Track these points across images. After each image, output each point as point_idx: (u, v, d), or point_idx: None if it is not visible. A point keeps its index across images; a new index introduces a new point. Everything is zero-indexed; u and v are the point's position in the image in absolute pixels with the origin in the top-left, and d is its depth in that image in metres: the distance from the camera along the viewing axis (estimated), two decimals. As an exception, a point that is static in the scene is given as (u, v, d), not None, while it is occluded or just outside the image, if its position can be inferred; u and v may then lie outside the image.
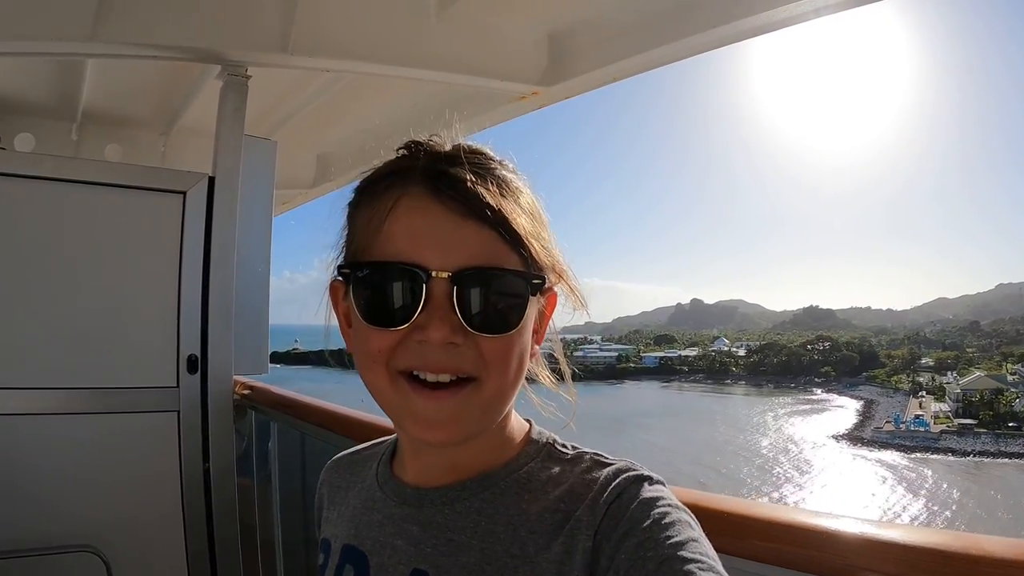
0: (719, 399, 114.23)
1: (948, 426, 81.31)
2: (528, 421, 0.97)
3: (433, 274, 0.78)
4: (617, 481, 0.82)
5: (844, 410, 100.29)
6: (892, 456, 73.53)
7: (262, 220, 3.56)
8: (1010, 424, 78.88)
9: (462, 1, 3.26)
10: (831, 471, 66.89)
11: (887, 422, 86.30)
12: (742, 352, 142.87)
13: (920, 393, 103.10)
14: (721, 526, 1.20)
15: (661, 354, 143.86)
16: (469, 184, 0.81)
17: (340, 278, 0.89)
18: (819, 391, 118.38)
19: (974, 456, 72.55)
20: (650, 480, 0.84)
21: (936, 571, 1.00)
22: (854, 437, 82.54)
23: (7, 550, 2.79)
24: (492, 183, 0.83)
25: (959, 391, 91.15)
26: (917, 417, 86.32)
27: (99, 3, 2.84)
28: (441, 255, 0.79)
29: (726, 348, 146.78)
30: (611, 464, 0.87)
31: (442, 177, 0.82)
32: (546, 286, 0.88)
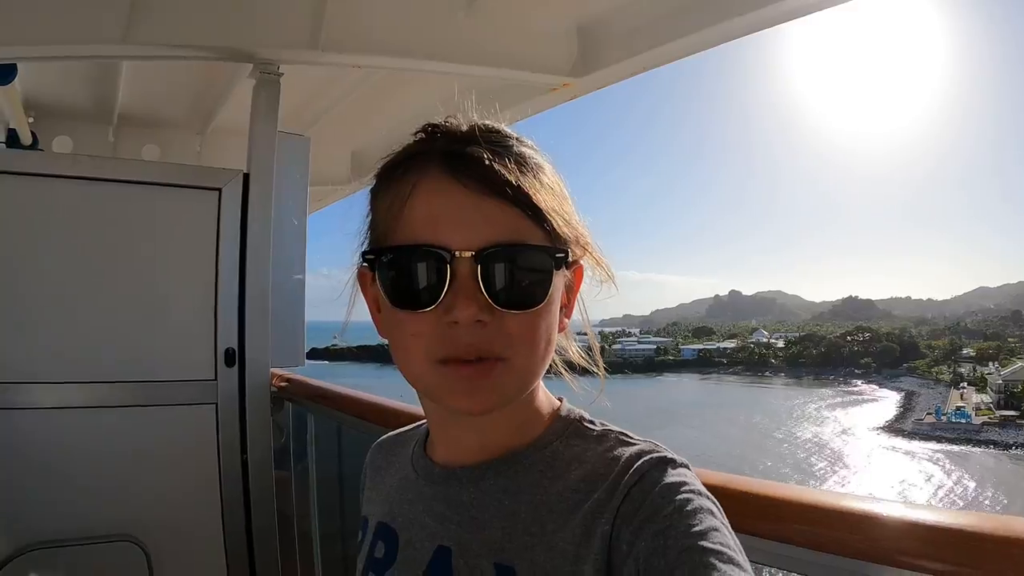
0: (759, 391, 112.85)
1: (990, 418, 79.71)
2: (560, 399, 0.97)
3: (456, 254, 0.78)
4: (639, 463, 0.81)
5: (885, 401, 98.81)
6: (933, 448, 72.12)
7: (297, 215, 3.58)
8: None
9: (493, -7, 3.23)
10: (872, 463, 65.95)
11: (928, 414, 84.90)
12: (781, 344, 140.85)
13: (961, 384, 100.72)
14: (751, 508, 1.20)
15: (700, 346, 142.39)
16: (487, 162, 0.81)
17: (366, 264, 0.89)
18: (859, 382, 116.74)
19: (1016, 448, 70.75)
20: (673, 463, 0.82)
21: (967, 552, 0.98)
22: (895, 429, 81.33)
23: (51, 539, 2.86)
24: (510, 160, 0.83)
25: (1001, 382, 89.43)
26: (959, 409, 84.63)
27: (131, 5, 2.87)
28: (463, 235, 0.79)
29: (765, 340, 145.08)
30: (635, 444, 0.86)
31: (460, 157, 0.82)
32: (571, 259, 0.87)
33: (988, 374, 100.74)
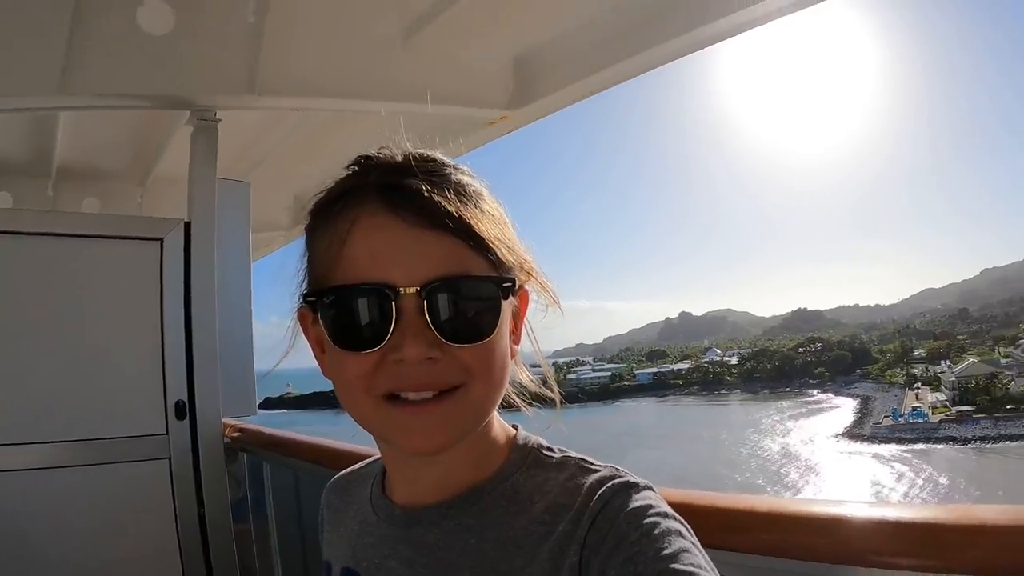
0: (717, 409, 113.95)
1: (947, 415, 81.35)
2: (515, 427, 0.96)
3: (401, 291, 0.77)
4: (602, 491, 0.80)
5: (843, 408, 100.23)
6: (892, 450, 73.56)
7: (241, 262, 3.58)
8: (1008, 407, 79.02)
9: (426, 30, 3.30)
10: (838, 469, 67.06)
11: (885, 416, 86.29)
12: (735, 361, 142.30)
13: (916, 385, 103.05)
14: (718, 522, 1.22)
15: (654, 370, 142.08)
16: (426, 194, 0.80)
17: (306, 305, 0.88)
18: (816, 392, 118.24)
19: (975, 442, 72.67)
20: (636, 487, 0.82)
21: (934, 544, 1.02)
22: (854, 434, 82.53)
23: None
24: (449, 189, 0.82)
25: (954, 379, 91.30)
26: (915, 409, 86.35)
27: (66, 56, 2.87)
28: (406, 270, 0.77)
29: (718, 358, 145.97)
30: (596, 471, 0.85)
31: (397, 190, 0.81)
32: (516, 286, 0.87)
33: (941, 373, 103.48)
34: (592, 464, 0.87)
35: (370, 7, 3.30)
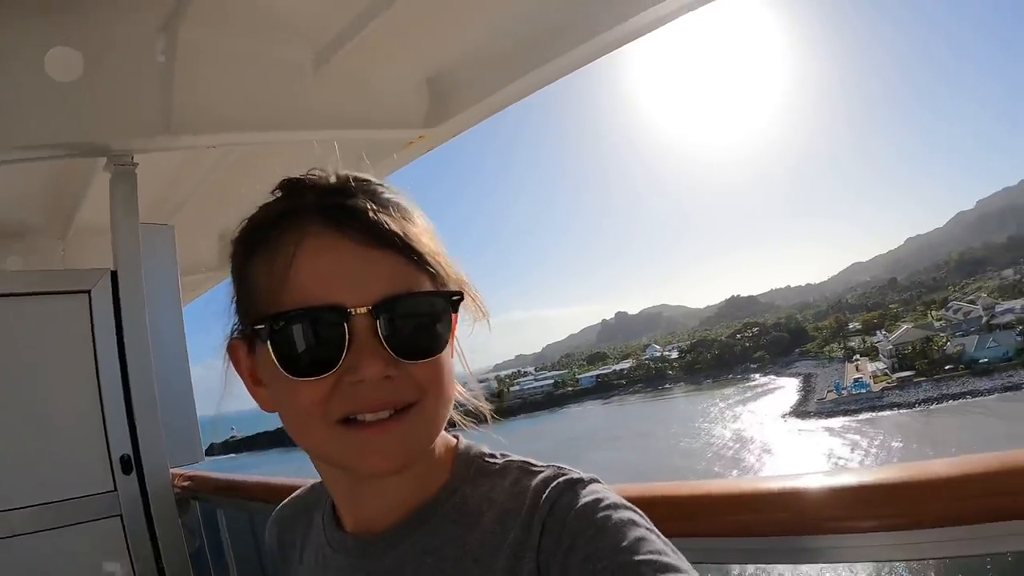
0: (663, 403, 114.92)
1: (888, 383, 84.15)
2: (456, 436, 0.97)
3: (352, 311, 0.77)
4: (548, 492, 0.81)
5: (786, 389, 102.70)
6: (841, 422, 75.38)
7: (172, 307, 3.52)
8: (946, 368, 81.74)
9: (337, 56, 3.34)
10: (789, 449, 68.13)
11: (829, 391, 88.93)
12: (675, 354, 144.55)
13: (855, 357, 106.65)
14: (680, 511, 1.24)
15: (596, 372, 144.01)
16: (371, 214, 0.81)
17: (242, 337, 0.88)
18: (758, 376, 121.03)
19: (920, 405, 74.93)
20: (581, 483, 0.82)
21: (893, 503, 1.06)
22: (801, 412, 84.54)
23: None
24: (391, 208, 0.83)
25: (891, 347, 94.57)
26: (857, 380, 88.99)
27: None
28: (357, 290, 0.78)
29: (659, 353, 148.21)
30: (539, 472, 0.86)
31: (341, 210, 0.81)
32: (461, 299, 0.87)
33: (878, 343, 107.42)
34: (535, 465, 0.88)
35: (279, 37, 3.32)
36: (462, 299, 0.86)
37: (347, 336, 0.77)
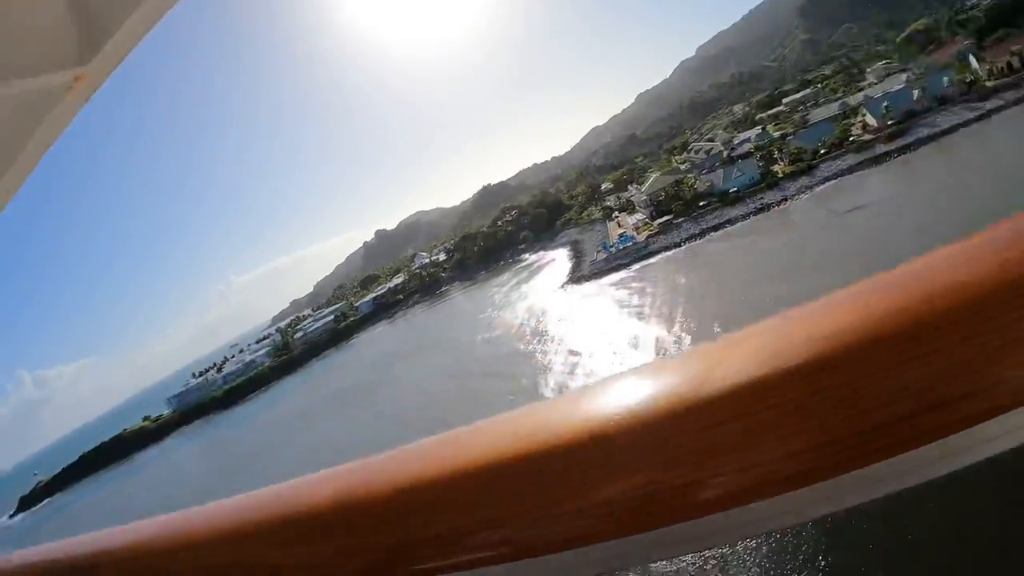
0: (446, 306, 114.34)
1: (651, 231, 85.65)
2: None
3: None
4: None
5: (559, 260, 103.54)
6: (618, 277, 75.74)
7: None
8: (701, 204, 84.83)
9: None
10: (585, 313, 67.51)
11: (598, 252, 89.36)
12: (443, 257, 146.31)
13: (614, 215, 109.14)
14: None
15: (373, 296, 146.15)
16: None
17: None
18: (528, 255, 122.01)
19: (685, 243, 76.81)
20: None
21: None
22: (578, 277, 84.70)
23: None
24: None
25: (645, 198, 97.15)
26: (621, 236, 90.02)
27: None
28: None
29: (427, 260, 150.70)
30: None
31: None
32: None
33: (632, 197, 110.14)
34: None
35: None
36: None
37: None
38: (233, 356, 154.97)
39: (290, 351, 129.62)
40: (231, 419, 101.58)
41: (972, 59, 79.76)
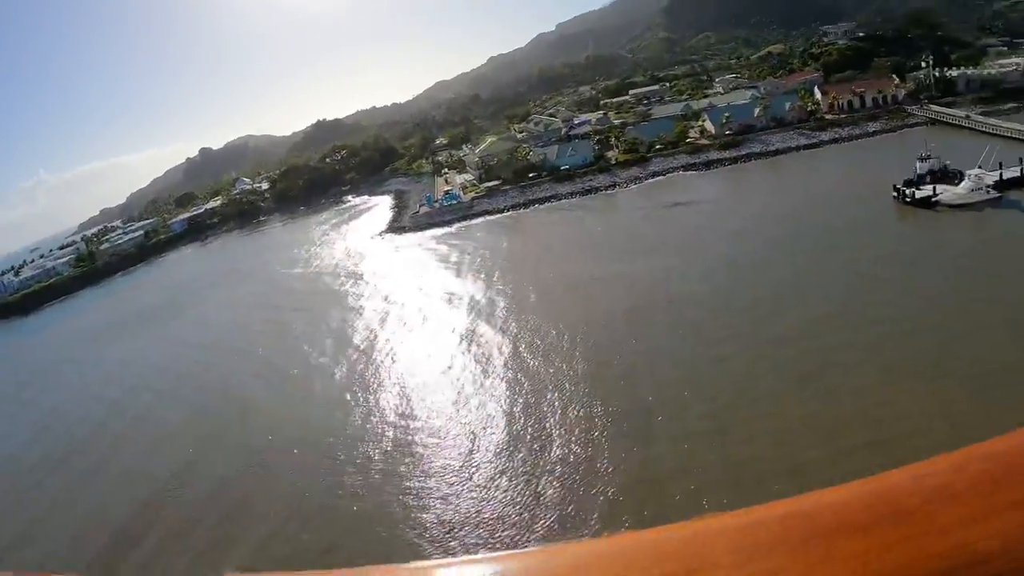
0: (262, 238, 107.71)
1: (478, 192, 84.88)
2: None
3: None
4: None
5: (380, 207, 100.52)
6: (438, 233, 74.69)
7: None
8: (530, 176, 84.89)
9: None
10: (398, 263, 66.33)
11: (421, 205, 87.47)
12: (266, 186, 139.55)
13: (443, 171, 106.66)
14: None
15: (187, 215, 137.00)
16: None
17: None
18: (351, 197, 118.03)
19: (509, 211, 76.83)
20: None
21: None
22: (396, 228, 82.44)
23: None
24: None
25: (478, 159, 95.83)
26: (447, 193, 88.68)
27: None
28: None
29: (249, 187, 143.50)
30: None
31: None
32: None
33: (464, 156, 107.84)
34: None
35: None
36: None
37: None
38: (33, 260, 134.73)
39: (94, 262, 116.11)
40: (28, 326, 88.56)
41: (817, 91, 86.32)
